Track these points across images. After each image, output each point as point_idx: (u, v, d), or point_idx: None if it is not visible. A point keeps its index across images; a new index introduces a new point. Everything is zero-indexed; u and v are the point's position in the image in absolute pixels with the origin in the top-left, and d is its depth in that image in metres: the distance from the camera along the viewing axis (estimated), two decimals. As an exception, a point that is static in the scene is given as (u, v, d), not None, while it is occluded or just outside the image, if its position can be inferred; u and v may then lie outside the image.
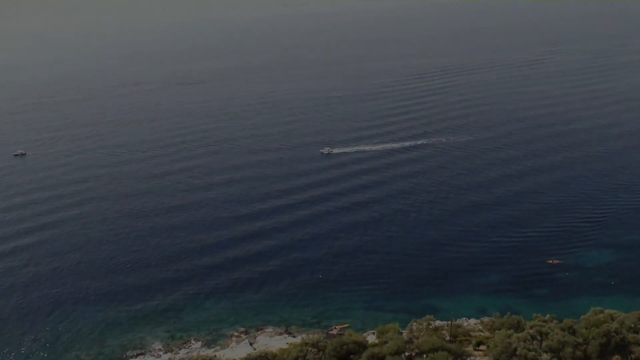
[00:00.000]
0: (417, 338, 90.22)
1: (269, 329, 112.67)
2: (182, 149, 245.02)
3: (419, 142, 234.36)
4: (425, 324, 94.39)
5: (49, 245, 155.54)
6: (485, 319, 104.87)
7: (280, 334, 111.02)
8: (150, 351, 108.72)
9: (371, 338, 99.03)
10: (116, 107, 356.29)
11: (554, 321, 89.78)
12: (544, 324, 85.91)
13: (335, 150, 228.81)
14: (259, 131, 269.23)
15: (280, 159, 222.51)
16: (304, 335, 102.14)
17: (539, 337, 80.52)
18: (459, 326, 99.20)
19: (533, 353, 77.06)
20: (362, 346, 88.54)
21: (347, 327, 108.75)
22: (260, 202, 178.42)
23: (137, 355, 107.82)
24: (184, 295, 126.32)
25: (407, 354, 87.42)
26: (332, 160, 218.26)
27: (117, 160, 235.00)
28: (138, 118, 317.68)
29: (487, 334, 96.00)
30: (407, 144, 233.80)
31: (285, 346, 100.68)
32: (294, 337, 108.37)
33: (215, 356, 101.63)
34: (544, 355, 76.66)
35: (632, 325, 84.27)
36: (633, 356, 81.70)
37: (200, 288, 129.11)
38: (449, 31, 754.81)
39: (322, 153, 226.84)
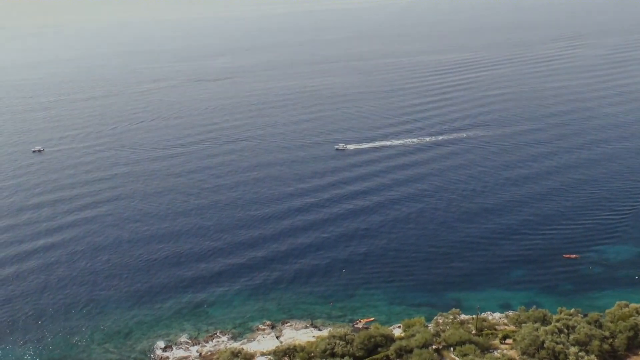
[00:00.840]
0: (444, 331, 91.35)
1: (295, 322, 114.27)
2: (203, 147, 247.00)
3: (439, 138, 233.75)
4: (451, 317, 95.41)
5: (78, 244, 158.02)
6: (510, 313, 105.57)
7: (306, 327, 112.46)
8: (179, 344, 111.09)
9: (397, 332, 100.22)
10: (134, 104, 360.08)
11: (579, 315, 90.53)
12: (570, 317, 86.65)
13: (350, 147, 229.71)
14: (276, 129, 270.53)
15: (301, 157, 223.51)
16: (330, 329, 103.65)
17: (566, 331, 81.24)
18: (484, 320, 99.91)
19: (561, 346, 77.78)
20: (390, 339, 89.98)
21: (372, 320, 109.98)
22: (285, 200, 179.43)
23: (166, 348, 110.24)
24: (212, 292, 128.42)
25: (434, 347, 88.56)
26: (348, 156, 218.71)
27: (136, 157, 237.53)
28: (157, 115, 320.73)
29: (512, 327, 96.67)
30: (426, 139, 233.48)
31: (311, 339, 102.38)
32: (319, 330, 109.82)
33: (242, 349, 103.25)
34: (572, 349, 77.34)
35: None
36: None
37: (226, 284, 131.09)
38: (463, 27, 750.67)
39: (337, 149, 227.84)
